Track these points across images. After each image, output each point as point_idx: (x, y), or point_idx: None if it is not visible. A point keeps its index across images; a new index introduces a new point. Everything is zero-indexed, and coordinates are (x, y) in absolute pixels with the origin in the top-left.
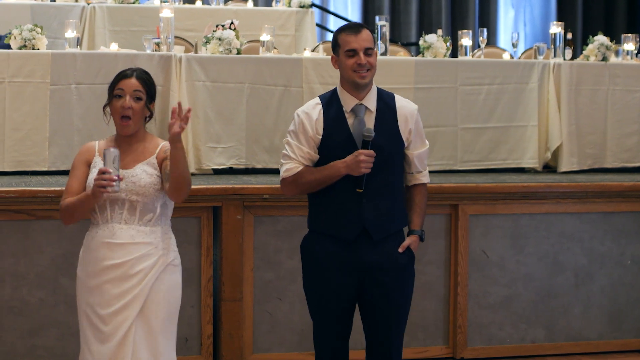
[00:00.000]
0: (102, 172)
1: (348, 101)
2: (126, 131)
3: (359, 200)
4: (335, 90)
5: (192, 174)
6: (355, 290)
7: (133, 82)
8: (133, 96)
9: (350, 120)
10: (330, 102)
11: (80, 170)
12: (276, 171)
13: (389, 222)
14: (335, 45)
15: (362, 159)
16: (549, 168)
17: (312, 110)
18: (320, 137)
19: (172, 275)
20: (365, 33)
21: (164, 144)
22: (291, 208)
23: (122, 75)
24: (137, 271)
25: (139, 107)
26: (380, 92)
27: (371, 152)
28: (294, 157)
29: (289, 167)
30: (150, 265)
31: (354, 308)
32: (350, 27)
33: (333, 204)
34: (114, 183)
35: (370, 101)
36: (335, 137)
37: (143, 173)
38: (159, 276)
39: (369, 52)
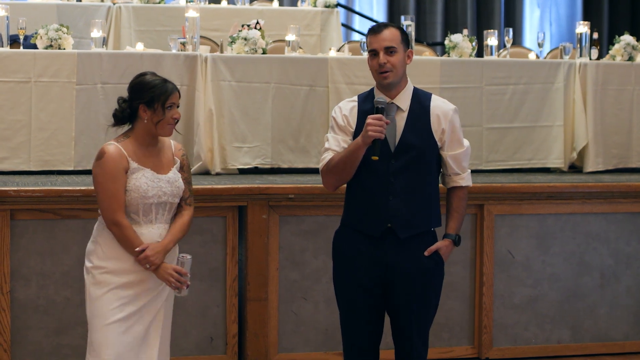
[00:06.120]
0: (374, 119)
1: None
2: (171, 134)
3: (385, 197)
4: (372, 90)
5: (218, 174)
6: (381, 287)
7: (177, 95)
8: (177, 105)
9: None
10: (366, 100)
11: (123, 180)
12: (301, 171)
13: (416, 221)
14: (366, 46)
15: (369, 122)
16: (575, 168)
17: (345, 105)
18: (353, 130)
19: None
20: (388, 32)
21: (174, 145)
22: (316, 208)
23: (170, 90)
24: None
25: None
26: (416, 91)
27: (379, 115)
28: (329, 147)
29: (324, 157)
30: (173, 257)
31: (383, 307)
32: (373, 28)
33: (361, 200)
34: (186, 289)
35: (403, 100)
36: None
37: (179, 177)
38: None
39: (390, 51)
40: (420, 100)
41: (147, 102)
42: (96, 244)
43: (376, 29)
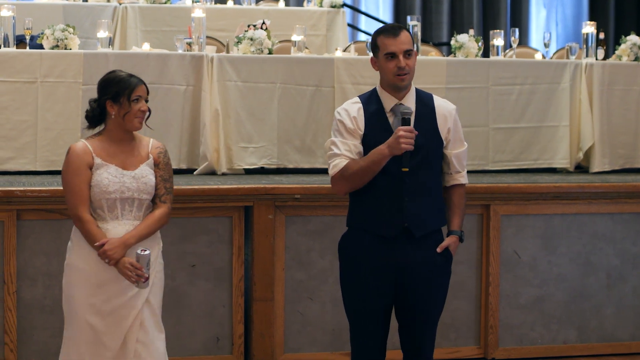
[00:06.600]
0: (406, 131)
1: (388, 101)
2: (140, 127)
3: (400, 198)
4: (374, 90)
5: (224, 174)
6: (393, 288)
7: (144, 88)
8: (145, 99)
9: (390, 120)
10: (370, 101)
11: (86, 175)
12: (307, 171)
13: (429, 220)
14: (374, 47)
15: (401, 134)
16: (581, 168)
17: (350, 107)
18: (362, 133)
19: (161, 261)
20: (404, 35)
21: (152, 143)
22: (322, 208)
23: (135, 83)
24: None
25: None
26: (418, 92)
27: (410, 127)
28: (340, 152)
29: (336, 163)
30: (155, 254)
31: (392, 308)
32: (389, 30)
33: (375, 202)
34: (144, 282)
35: (409, 101)
36: (377, 135)
37: (150, 174)
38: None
39: (408, 54)
40: (424, 101)
41: (113, 97)
42: (71, 242)
43: (393, 31)
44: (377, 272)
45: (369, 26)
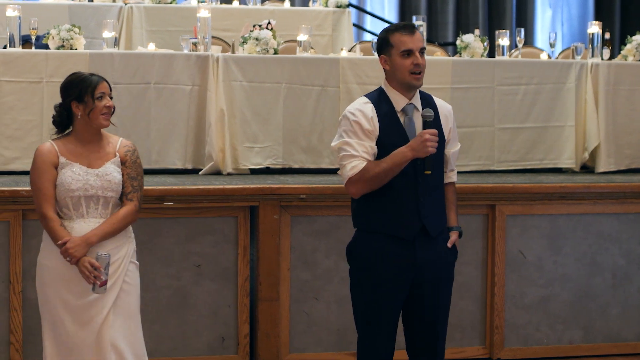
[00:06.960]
0: (431, 134)
1: (399, 101)
2: (108, 124)
3: (416, 198)
4: (382, 90)
5: (229, 174)
6: (409, 288)
7: (106, 85)
8: (109, 96)
9: (401, 119)
10: (380, 101)
11: (51, 174)
12: (313, 171)
13: (439, 218)
14: (386, 44)
15: (427, 138)
16: (587, 168)
17: (364, 107)
18: (377, 134)
19: (135, 261)
20: (419, 33)
21: (121, 142)
22: (328, 208)
23: (97, 80)
24: (114, 260)
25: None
26: (420, 92)
27: (434, 130)
28: (357, 154)
29: (354, 165)
30: (123, 253)
31: (401, 309)
32: (405, 27)
33: (393, 204)
34: (101, 287)
35: (418, 101)
36: (391, 136)
37: (115, 171)
38: (129, 262)
39: (422, 52)
40: (428, 101)
41: (77, 98)
42: (43, 241)
43: (409, 29)
44: (394, 273)
45: (375, 26)
